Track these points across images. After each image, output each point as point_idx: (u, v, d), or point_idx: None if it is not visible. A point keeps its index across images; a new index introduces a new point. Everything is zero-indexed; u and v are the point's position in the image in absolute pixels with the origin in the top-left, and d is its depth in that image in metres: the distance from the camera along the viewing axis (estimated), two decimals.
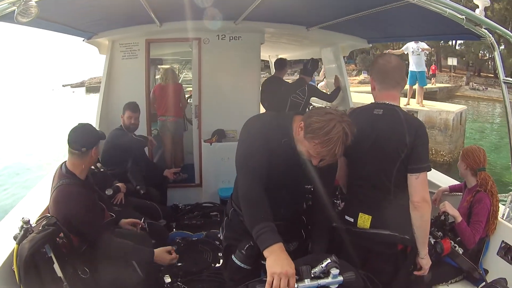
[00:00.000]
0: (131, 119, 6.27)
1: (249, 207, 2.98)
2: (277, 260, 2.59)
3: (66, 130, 4.00)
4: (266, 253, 2.67)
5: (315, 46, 9.25)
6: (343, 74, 8.43)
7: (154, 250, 4.00)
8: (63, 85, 62.54)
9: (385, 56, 3.62)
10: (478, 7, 3.72)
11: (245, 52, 7.33)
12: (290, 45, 9.97)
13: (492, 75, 41.69)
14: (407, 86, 17.19)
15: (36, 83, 63.36)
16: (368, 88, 4.18)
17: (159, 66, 11.83)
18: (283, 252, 2.66)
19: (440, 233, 4.23)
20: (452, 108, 18.52)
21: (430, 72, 45.39)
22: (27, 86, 58.67)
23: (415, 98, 18.12)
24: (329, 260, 2.51)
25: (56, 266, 3.21)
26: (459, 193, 4.92)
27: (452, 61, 50.49)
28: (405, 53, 16.30)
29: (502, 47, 54.38)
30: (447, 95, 43.32)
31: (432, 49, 41.51)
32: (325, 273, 2.51)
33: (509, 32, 3.87)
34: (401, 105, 3.48)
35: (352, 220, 3.58)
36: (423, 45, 15.98)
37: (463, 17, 3.46)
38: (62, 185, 3.73)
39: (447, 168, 15.97)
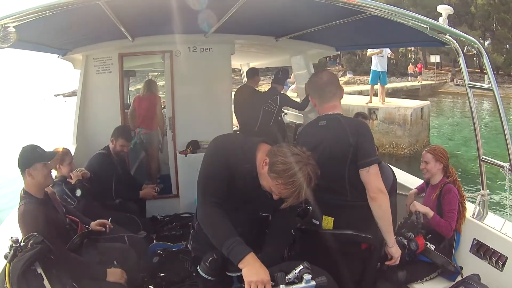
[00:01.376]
0: (124, 148, 6.38)
1: (212, 229, 3.12)
2: (251, 270, 2.76)
3: (59, 139, 4.14)
4: (241, 265, 2.83)
5: (284, 54, 9.40)
6: None
7: (107, 270, 4.09)
8: (55, 95, 61.83)
9: (317, 74, 3.96)
10: (441, 15, 3.91)
11: (216, 63, 7.44)
12: (260, 54, 10.12)
13: (478, 71, 41.89)
14: (368, 86, 19.17)
15: (27, 95, 62.86)
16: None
17: (131, 77, 11.86)
18: (257, 261, 2.83)
19: (410, 233, 4.40)
20: (411, 104, 19.93)
21: (417, 70, 45.90)
22: (18, 98, 58.31)
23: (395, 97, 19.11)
24: (301, 267, 2.71)
25: (46, 282, 3.29)
26: (423, 194, 5.14)
27: (435, 58, 51.25)
28: (369, 55, 17.54)
29: (488, 41, 54.74)
30: (430, 92, 43.99)
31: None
32: (299, 279, 2.70)
33: (472, 38, 4.04)
34: (364, 104, 3.70)
35: (318, 222, 3.80)
36: (387, 49, 16.69)
37: (427, 26, 3.62)
38: (20, 206, 3.92)
39: (408, 161, 17.34)
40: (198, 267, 3.35)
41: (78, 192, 5.21)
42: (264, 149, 3.11)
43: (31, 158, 4.04)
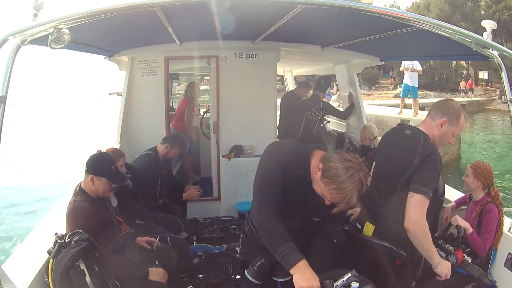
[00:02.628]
0: (175, 155, 6.59)
1: (267, 235, 3.17)
2: (303, 276, 2.83)
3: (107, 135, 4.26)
4: (292, 271, 2.89)
5: (329, 62, 9.42)
6: (356, 90, 8.60)
7: (150, 269, 4.14)
8: (109, 93, 63.18)
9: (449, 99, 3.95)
10: (486, 30, 3.87)
11: (262, 69, 7.48)
12: (304, 61, 10.17)
13: None
14: (399, 99, 20.02)
15: (82, 93, 64.81)
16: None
17: (174, 80, 12.00)
18: (308, 268, 2.89)
19: (448, 245, 4.34)
20: None
21: (468, 87, 45.14)
22: (74, 96, 60.27)
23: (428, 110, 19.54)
24: (349, 275, 2.77)
25: (87, 278, 3.34)
26: (464, 207, 5.09)
27: (483, 75, 50.29)
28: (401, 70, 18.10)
29: None
30: (477, 109, 43.23)
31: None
32: (346, 286, 2.76)
33: None
34: (396, 114, 3.73)
35: (360, 227, 3.83)
36: (417, 64, 17.26)
37: (471, 40, 3.59)
38: (72, 201, 3.99)
39: None
40: (245, 271, 3.40)
41: None
42: (318, 155, 3.16)
43: (102, 171, 4.10)
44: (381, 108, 25.06)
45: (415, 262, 3.67)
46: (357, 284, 2.75)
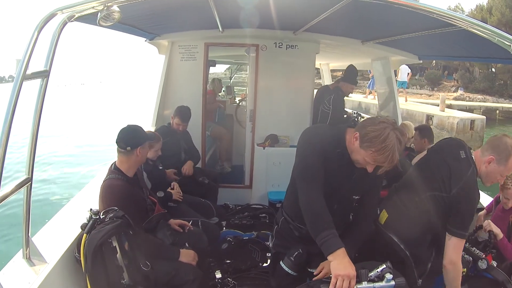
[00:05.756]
0: (179, 126, 6.48)
1: (312, 218, 3.19)
2: (340, 264, 2.87)
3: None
4: (330, 257, 2.94)
5: (366, 58, 9.42)
6: (393, 86, 8.60)
7: (180, 250, 4.21)
8: None
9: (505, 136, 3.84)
10: None
11: (301, 61, 7.46)
12: (342, 55, 10.21)
13: None
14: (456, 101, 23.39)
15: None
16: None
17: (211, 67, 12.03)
18: (346, 256, 2.93)
19: (474, 248, 4.29)
20: (460, 115, 23.71)
21: None
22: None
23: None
24: (384, 266, 2.82)
25: (119, 255, 3.40)
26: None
27: None
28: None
29: None
30: None
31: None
32: (380, 278, 2.80)
33: None
34: (421, 110, 3.64)
35: (378, 212, 3.85)
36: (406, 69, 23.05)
37: (510, 44, 3.55)
38: (107, 180, 4.04)
39: None
40: (281, 262, 3.46)
41: (160, 193, 5.27)
42: (351, 132, 3.19)
43: (142, 137, 4.20)
44: (411, 104, 27.80)
45: (421, 262, 3.69)
46: (391, 276, 2.78)
